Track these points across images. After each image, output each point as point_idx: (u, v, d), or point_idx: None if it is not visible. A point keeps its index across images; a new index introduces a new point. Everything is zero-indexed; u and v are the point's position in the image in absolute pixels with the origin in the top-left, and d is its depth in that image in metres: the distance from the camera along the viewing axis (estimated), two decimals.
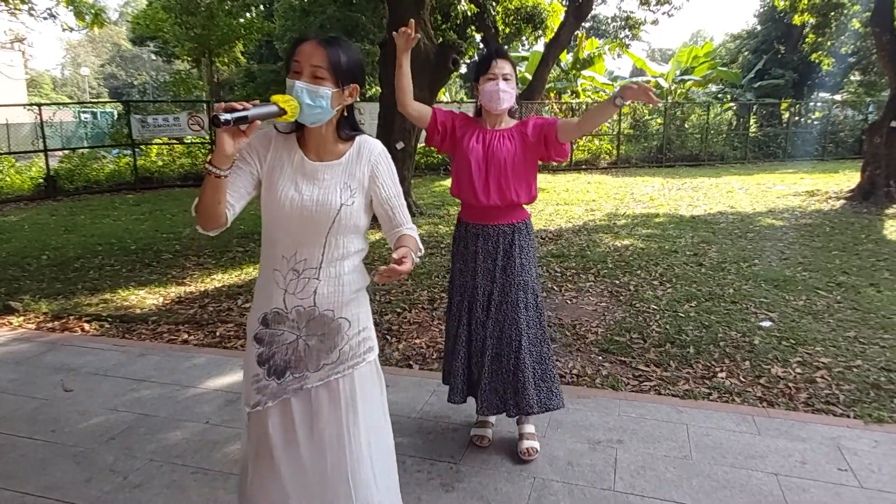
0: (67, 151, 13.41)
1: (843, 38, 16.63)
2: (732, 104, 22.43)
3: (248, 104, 1.38)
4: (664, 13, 13.56)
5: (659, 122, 18.92)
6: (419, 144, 10.15)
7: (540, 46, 18.90)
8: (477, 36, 15.63)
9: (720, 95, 24.37)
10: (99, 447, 2.72)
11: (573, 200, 10.31)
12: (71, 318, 4.57)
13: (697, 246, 6.63)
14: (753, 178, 13.71)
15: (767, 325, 4.17)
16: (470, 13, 13.06)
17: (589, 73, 21.39)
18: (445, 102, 17.92)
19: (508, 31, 15.88)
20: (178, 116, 13.45)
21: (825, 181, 12.57)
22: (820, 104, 21.88)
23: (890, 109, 9.75)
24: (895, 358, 3.58)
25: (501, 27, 15.58)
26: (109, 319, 4.52)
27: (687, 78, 22.62)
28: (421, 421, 2.93)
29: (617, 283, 5.25)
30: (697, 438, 2.73)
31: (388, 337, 4.11)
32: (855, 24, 13.37)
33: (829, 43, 18.71)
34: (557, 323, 4.29)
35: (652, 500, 2.31)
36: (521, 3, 15.48)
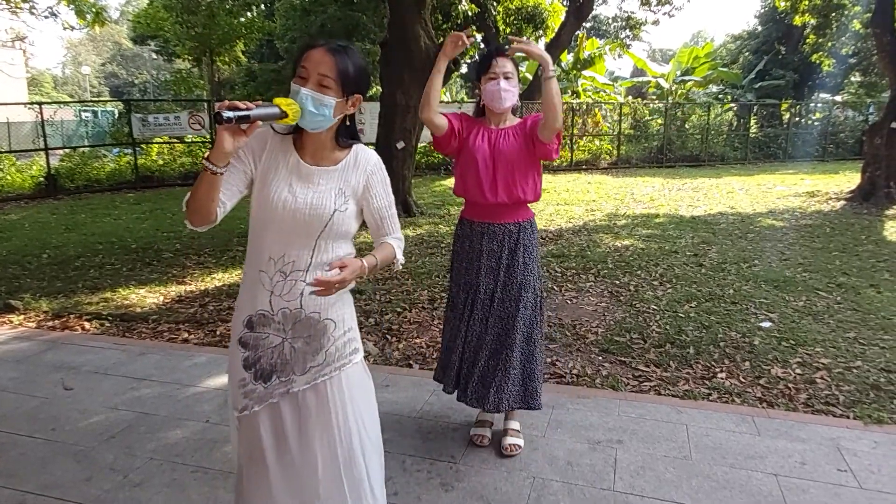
0: (68, 150, 13.39)
1: (843, 39, 16.64)
2: (733, 105, 22.44)
3: (251, 104, 1.39)
4: (665, 13, 13.58)
5: (659, 122, 18.93)
6: (419, 144, 10.16)
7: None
8: (478, 36, 15.63)
9: (721, 96, 24.39)
10: (99, 446, 2.72)
11: (573, 200, 10.31)
12: (71, 316, 4.57)
13: (698, 246, 6.63)
14: (754, 178, 13.72)
15: (767, 325, 4.17)
16: (471, 13, 13.07)
17: (589, 73, 21.42)
18: (446, 102, 17.93)
19: (509, 31, 15.88)
20: (178, 115, 13.45)
21: (825, 182, 12.58)
22: (820, 105, 21.90)
23: (890, 110, 9.74)
24: (895, 359, 3.58)
25: (502, 27, 15.59)
26: (110, 318, 4.53)
27: (687, 78, 22.63)
28: (421, 420, 2.93)
29: (617, 283, 5.26)
30: (697, 439, 2.73)
31: (388, 337, 4.10)
32: (855, 25, 13.38)
33: (829, 44, 18.72)
34: (557, 323, 4.29)
35: (651, 500, 2.31)
36: (521, 3, 15.49)
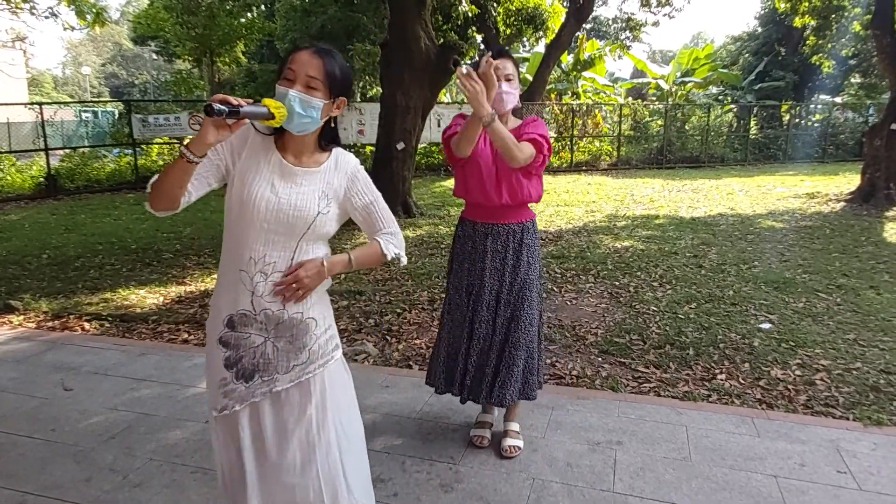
0: (68, 150, 13.40)
1: (843, 40, 16.66)
2: (733, 106, 22.46)
3: (242, 101, 1.39)
4: (665, 15, 13.59)
5: (659, 123, 18.94)
6: (419, 145, 10.16)
7: (541, 47, 18.92)
8: (478, 37, 15.64)
9: (721, 97, 24.40)
10: (99, 446, 2.72)
11: (573, 202, 10.31)
12: (71, 317, 4.57)
13: (697, 248, 6.63)
14: (754, 180, 13.72)
15: (767, 327, 4.17)
16: (471, 14, 13.07)
17: (590, 74, 21.43)
18: (446, 103, 17.94)
19: (509, 31, 15.90)
20: (178, 116, 13.47)
21: (825, 183, 12.58)
22: (820, 106, 21.93)
23: (890, 112, 9.75)
24: (895, 360, 3.58)
25: (502, 28, 15.60)
26: (110, 319, 4.53)
27: (687, 80, 22.65)
28: (420, 421, 2.93)
29: (617, 284, 5.26)
30: (697, 440, 2.73)
31: (387, 337, 4.10)
32: (855, 26, 13.39)
33: (829, 45, 18.75)
34: (557, 324, 4.29)
35: (651, 501, 2.31)
36: (522, 4, 15.51)
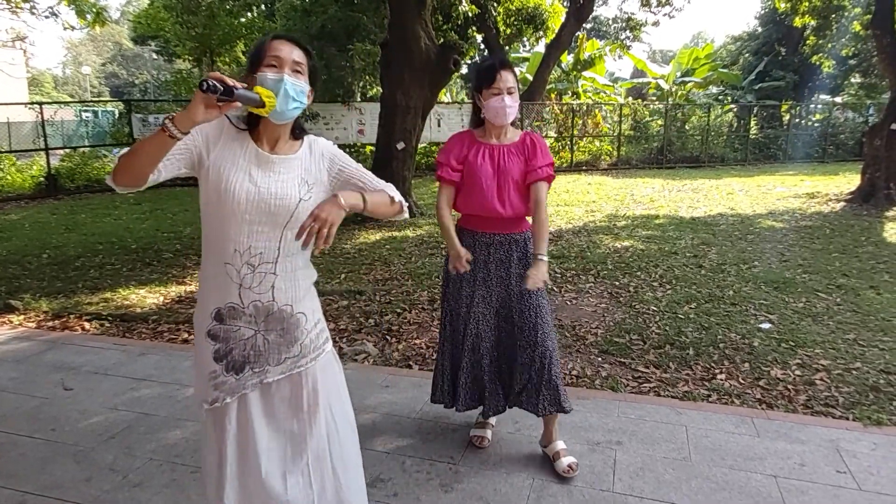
0: (68, 150, 13.43)
1: (843, 40, 16.67)
2: (733, 106, 22.45)
3: (237, 83, 1.38)
4: (665, 15, 13.60)
5: (659, 123, 18.94)
6: (419, 145, 10.16)
7: (541, 47, 18.93)
8: (478, 36, 15.64)
9: (721, 97, 24.39)
10: (99, 446, 2.72)
11: (573, 201, 10.31)
12: (71, 316, 4.57)
13: (697, 248, 6.63)
14: (754, 179, 13.72)
15: (767, 326, 4.17)
16: (471, 14, 13.07)
17: (590, 74, 21.44)
18: (446, 103, 17.95)
19: (509, 31, 15.90)
20: None
21: (825, 183, 12.58)
22: (820, 106, 21.93)
23: (890, 112, 9.75)
24: (894, 360, 3.58)
25: (502, 28, 15.60)
26: (110, 318, 4.53)
27: (687, 79, 22.65)
28: (420, 421, 2.93)
29: (617, 284, 5.26)
30: (696, 440, 2.74)
31: (388, 337, 4.11)
32: (855, 26, 13.39)
33: (829, 45, 18.76)
34: (557, 324, 4.29)
35: (651, 501, 2.31)
36: (522, 3, 15.50)
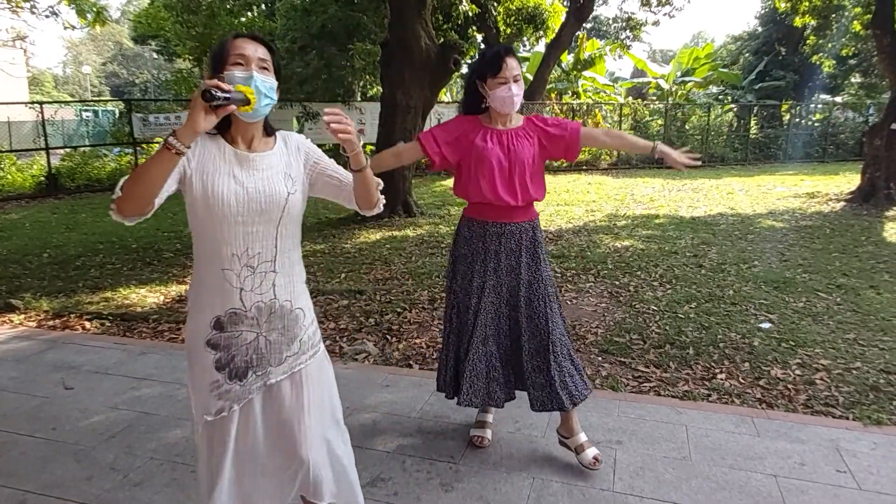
0: (69, 150, 13.43)
1: (843, 40, 16.66)
2: (733, 106, 22.46)
3: (226, 86, 1.36)
4: (665, 14, 13.59)
5: (660, 123, 18.95)
6: None
7: (541, 47, 18.92)
8: (478, 36, 15.63)
9: (721, 97, 24.40)
10: (99, 445, 2.72)
11: (573, 201, 10.31)
12: (72, 316, 4.57)
13: (697, 247, 6.63)
14: (754, 179, 13.72)
15: (767, 326, 4.17)
16: (471, 13, 13.06)
17: (590, 73, 21.44)
18: (446, 102, 17.93)
19: (510, 31, 15.88)
20: (179, 115, 13.48)
21: (825, 183, 12.58)
22: (820, 106, 21.91)
23: (890, 111, 9.74)
24: (894, 360, 3.58)
25: (503, 27, 15.59)
26: (110, 318, 4.53)
27: (688, 79, 22.65)
28: (420, 421, 2.93)
29: (617, 283, 5.26)
30: (696, 439, 2.74)
31: (388, 337, 4.11)
32: (855, 26, 13.38)
33: (829, 45, 18.75)
34: None
35: (651, 500, 2.31)
36: (522, 3, 15.49)
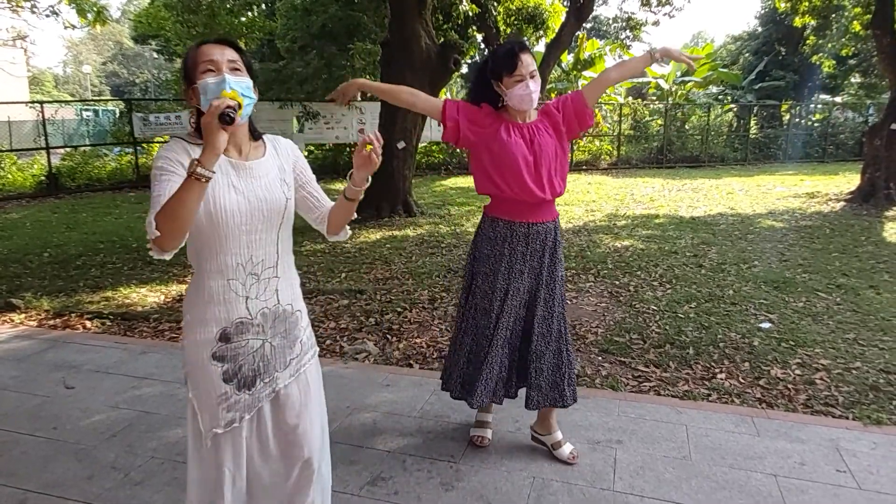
0: (69, 149, 13.43)
1: (843, 40, 16.65)
2: (733, 106, 22.46)
3: (228, 101, 1.35)
4: (665, 14, 13.53)
5: (659, 123, 18.95)
6: (420, 144, 10.17)
7: (541, 47, 18.89)
8: (478, 36, 15.62)
9: (721, 97, 24.40)
10: (100, 444, 2.73)
11: (573, 201, 10.32)
12: (72, 315, 4.58)
13: (697, 247, 6.63)
14: (753, 179, 13.73)
15: (767, 326, 4.18)
16: (471, 13, 13.05)
17: (590, 73, 21.38)
18: None
19: (510, 31, 15.86)
20: (179, 115, 13.47)
21: (825, 183, 12.58)
22: (820, 106, 21.91)
23: (890, 112, 9.75)
24: (894, 360, 3.59)
25: (503, 27, 15.57)
26: (111, 317, 4.53)
27: (687, 79, 22.63)
28: (421, 420, 2.94)
29: (617, 283, 5.26)
30: (697, 439, 2.74)
31: (388, 336, 4.11)
32: (855, 26, 13.38)
33: (829, 45, 18.74)
34: None
35: (651, 500, 2.32)
36: (522, 3, 15.49)
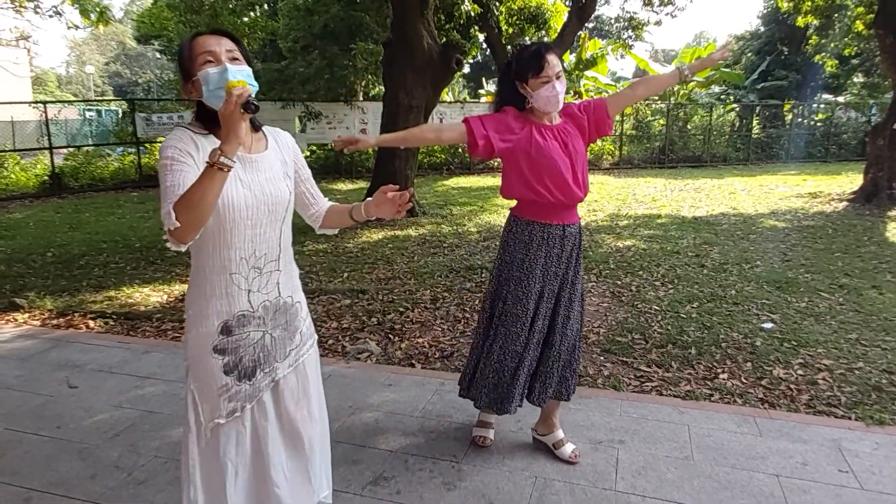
0: (72, 149, 13.45)
1: (846, 39, 16.61)
2: (735, 105, 22.39)
3: (246, 89, 1.36)
4: (667, 14, 13.47)
5: (662, 122, 18.91)
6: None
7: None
8: (480, 36, 15.61)
9: (723, 97, 24.34)
10: (104, 444, 2.74)
11: None
12: (76, 315, 4.59)
13: (699, 247, 6.63)
14: (756, 179, 13.70)
15: (769, 326, 4.18)
16: (473, 13, 13.05)
17: (592, 73, 21.38)
18: (448, 102, 17.94)
19: (512, 31, 15.86)
20: (182, 115, 13.50)
21: (828, 183, 12.55)
22: (823, 106, 21.84)
23: (893, 111, 9.73)
24: None
25: (505, 27, 15.57)
26: (114, 317, 4.55)
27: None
28: (423, 420, 2.94)
29: (619, 283, 5.26)
30: (699, 439, 2.74)
31: (390, 336, 4.12)
32: (858, 26, 13.33)
33: (832, 44, 18.69)
34: None
35: (653, 500, 2.32)
36: (524, 3, 15.48)
